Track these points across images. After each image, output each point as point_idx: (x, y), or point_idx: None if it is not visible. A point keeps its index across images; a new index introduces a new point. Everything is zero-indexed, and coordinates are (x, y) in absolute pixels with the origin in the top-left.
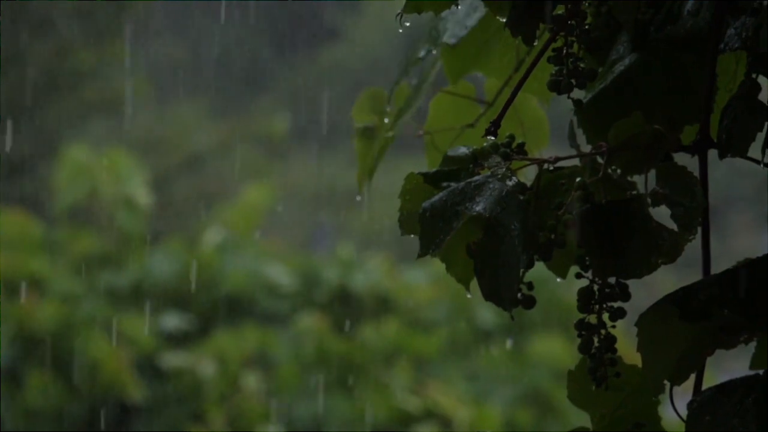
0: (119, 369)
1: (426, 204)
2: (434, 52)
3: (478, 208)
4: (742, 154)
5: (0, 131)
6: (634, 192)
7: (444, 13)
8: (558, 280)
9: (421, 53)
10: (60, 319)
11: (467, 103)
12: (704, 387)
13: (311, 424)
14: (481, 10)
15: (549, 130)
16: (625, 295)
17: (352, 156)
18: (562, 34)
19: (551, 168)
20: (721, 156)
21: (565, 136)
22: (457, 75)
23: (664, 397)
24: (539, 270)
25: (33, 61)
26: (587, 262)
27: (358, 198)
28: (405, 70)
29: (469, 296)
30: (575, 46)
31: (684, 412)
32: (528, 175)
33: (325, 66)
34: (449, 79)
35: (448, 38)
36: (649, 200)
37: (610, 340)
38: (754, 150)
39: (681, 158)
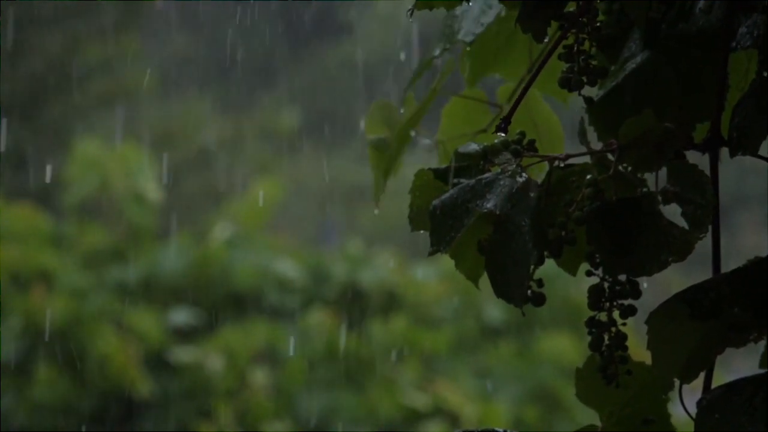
0: (127, 364)
1: (436, 201)
2: (448, 50)
3: (489, 205)
4: (753, 152)
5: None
6: (645, 189)
7: (458, 11)
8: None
9: (436, 52)
10: (68, 314)
11: (480, 109)
12: (713, 385)
13: (319, 419)
14: (497, 7)
15: (563, 136)
16: (636, 293)
17: (361, 152)
18: (573, 31)
19: (562, 165)
20: (732, 154)
21: (576, 133)
22: (476, 78)
23: (674, 395)
24: (549, 267)
25: (43, 55)
26: (597, 260)
27: (376, 212)
28: (419, 69)
29: (479, 290)
30: (586, 43)
31: (693, 410)
32: (539, 172)
33: (334, 62)
34: (467, 83)
35: (464, 36)
36: (659, 198)
37: (621, 337)
38: (765, 148)
39: (692, 156)
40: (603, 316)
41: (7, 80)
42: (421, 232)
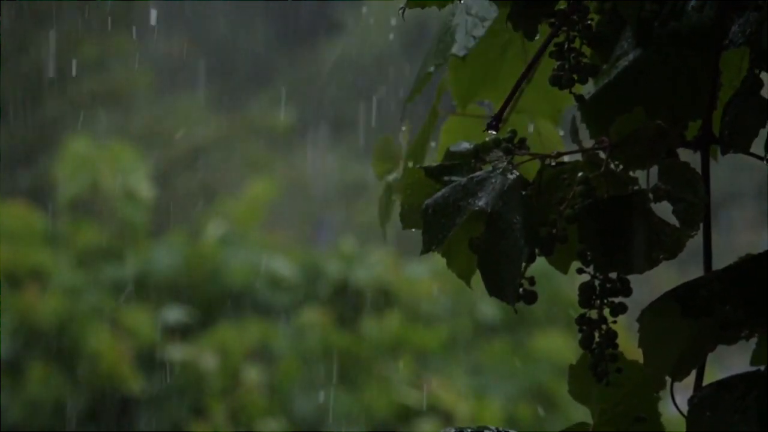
0: (120, 362)
1: (428, 200)
2: (443, 65)
3: (480, 203)
4: (745, 150)
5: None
6: (636, 187)
7: (452, 24)
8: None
9: (431, 68)
10: (62, 312)
11: (478, 124)
12: (705, 383)
13: (312, 417)
14: (489, 21)
15: (561, 139)
16: (627, 291)
17: (356, 150)
18: (564, 29)
19: (553, 163)
20: (724, 152)
21: (568, 131)
22: (466, 100)
23: (665, 393)
24: (542, 265)
25: (36, 53)
26: (589, 257)
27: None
28: (416, 86)
29: (471, 289)
30: (577, 41)
31: (685, 408)
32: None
33: (328, 60)
34: (458, 105)
35: (457, 50)
36: (651, 196)
37: (611, 335)
38: (757, 146)
39: (683, 154)
40: (594, 314)
41: (2, 79)
42: (413, 230)
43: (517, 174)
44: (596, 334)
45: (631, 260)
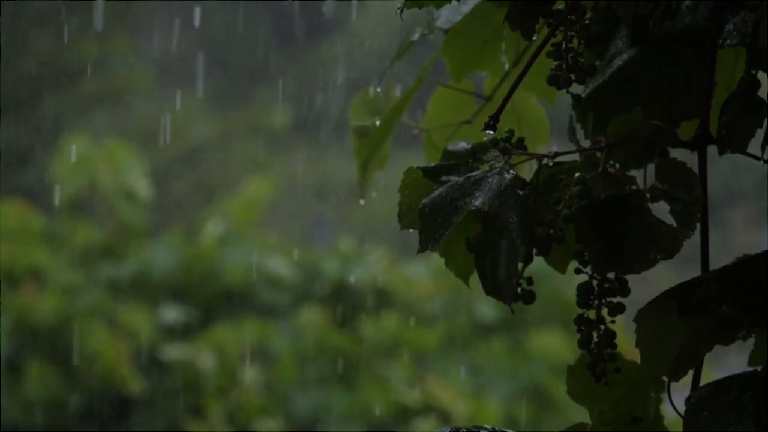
0: (118, 361)
1: (426, 199)
2: (427, 35)
3: (477, 202)
4: (742, 149)
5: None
6: (633, 187)
7: None
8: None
9: (415, 36)
10: (60, 311)
11: (466, 99)
12: (702, 383)
13: (310, 417)
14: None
15: (548, 127)
16: (624, 291)
17: (353, 149)
18: (561, 28)
19: (550, 163)
20: (721, 152)
21: (565, 131)
22: (461, 74)
23: (663, 393)
24: (541, 265)
25: (35, 52)
26: (586, 258)
27: (362, 202)
28: (399, 53)
29: (469, 288)
30: (575, 41)
31: (682, 408)
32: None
33: (326, 59)
34: (453, 79)
35: (442, 24)
36: (648, 195)
37: (610, 335)
38: (754, 146)
39: (680, 154)
40: (592, 314)
41: (1, 79)
42: (411, 230)
43: (514, 174)
44: (594, 334)
45: (628, 260)
